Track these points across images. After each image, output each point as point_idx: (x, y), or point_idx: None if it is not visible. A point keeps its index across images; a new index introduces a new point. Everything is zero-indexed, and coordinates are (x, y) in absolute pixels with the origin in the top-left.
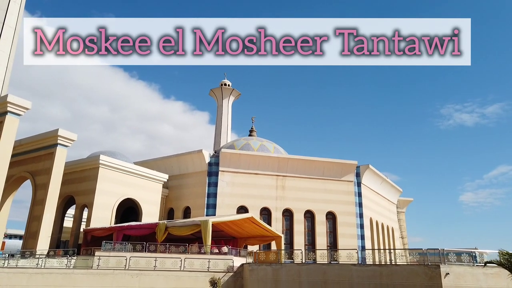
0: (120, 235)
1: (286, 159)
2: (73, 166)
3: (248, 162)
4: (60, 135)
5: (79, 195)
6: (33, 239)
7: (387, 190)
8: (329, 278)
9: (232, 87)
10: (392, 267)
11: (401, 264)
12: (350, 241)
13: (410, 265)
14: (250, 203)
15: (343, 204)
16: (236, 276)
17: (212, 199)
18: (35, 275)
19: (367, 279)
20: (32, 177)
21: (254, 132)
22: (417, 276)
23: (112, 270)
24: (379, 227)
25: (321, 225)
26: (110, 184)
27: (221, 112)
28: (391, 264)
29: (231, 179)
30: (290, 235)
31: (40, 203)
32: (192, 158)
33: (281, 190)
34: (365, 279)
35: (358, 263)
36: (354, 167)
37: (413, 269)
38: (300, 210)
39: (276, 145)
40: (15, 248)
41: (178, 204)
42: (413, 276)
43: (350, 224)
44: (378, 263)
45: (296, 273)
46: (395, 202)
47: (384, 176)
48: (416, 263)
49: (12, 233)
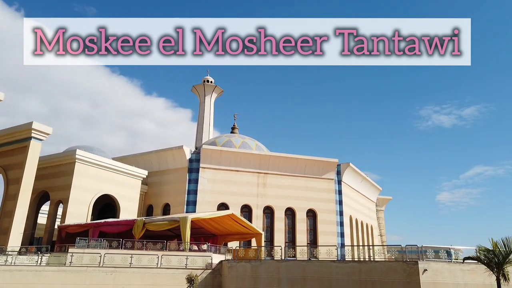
0: (96, 231)
1: (267, 157)
2: (48, 160)
3: (230, 159)
4: (34, 128)
5: (54, 191)
6: (5, 235)
7: (367, 189)
8: (308, 275)
9: (214, 84)
10: (371, 264)
11: (380, 260)
12: (330, 238)
13: (389, 261)
14: (231, 200)
15: (323, 201)
16: (214, 273)
17: (193, 196)
18: (2, 272)
19: (346, 276)
20: (4, 171)
21: (236, 129)
22: (396, 273)
23: (85, 267)
24: (358, 225)
25: (302, 223)
26: (87, 180)
27: (203, 109)
28: (370, 261)
29: (212, 176)
30: (270, 233)
31: (12, 198)
32: (173, 154)
33: (262, 187)
34: (345, 276)
35: (337, 260)
36: (335, 165)
37: (391, 265)
38: (281, 207)
39: (258, 142)
40: None
41: (157, 201)
42: (391, 272)
43: (330, 221)
44: (357, 260)
45: (275, 269)
46: (375, 201)
47: (364, 175)
48: (395, 260)
49: None
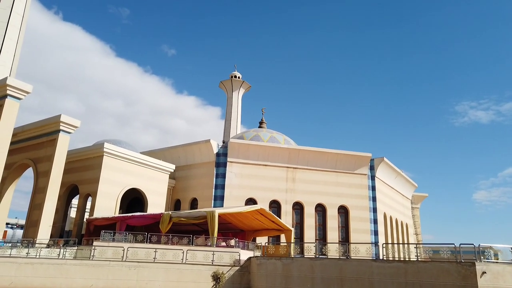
0: (123, 225)
1: (297, 150)
2: (78, 154)
3: (258, 153)
4: (62, 121)
5: (83, 184)
6: (34, 228)
7: (401, 185)
8: (346, 275)
9: (242, 79)
10: (419, 264)
11: (429, 261)
12: (363, 236)
13: (440, 262)
14: (259, 196)
15: (356, 198)
16: (242, 270)
17: (220, 191)
18: (24, 265)
19: (389, 277)
20: (34, 164)
21: (264, 124)
22: (449, 275)
23: (108, 261)
24: (393, 222)
25: (333, 220)
26: (115, 173)
27: (230, 105)
28: (417, 261)
29: (240, 170)
30: (300, 229)
31: (42, 191)
32: (200, 148)
33: (292, 182)
34: (388, 277)
35: (379, 259)
36: (368, 159)
37: (443, 266)
38: (311, 203)
39: (286, 137)
40: (17, 238)
41: (185, 196)
42: (443, 274)
43: (363, 219)
44: (403, 259)
45: (308, 268)
46: (410, 198)
47: (399, 170)
48: (447, 260)
49: (19, 223)
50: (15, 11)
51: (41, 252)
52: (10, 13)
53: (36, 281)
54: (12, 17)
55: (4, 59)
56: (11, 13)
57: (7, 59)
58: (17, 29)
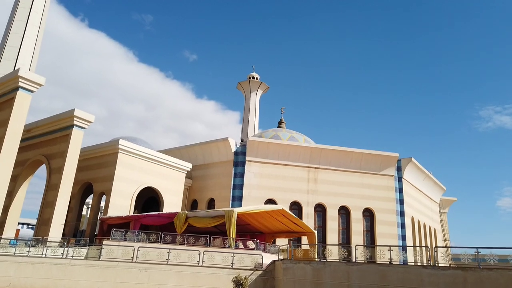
0: (137, 224)
1: (319, 150)
2: (92, 151)
3: (278, 152)
4: (76, 115)
5: (97, 182)
6: (46, 226)
7: (429, 188)
8: (389, 283)
9: (260, 80)
10: (482, 272)
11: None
12: (390, 241)
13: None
14: (279, 197)
15: (382, 200)
16: (266, 275)
17: (238, 191)
18: (24, 264)
19: (444, 286)
20: (47, 160)
21: (283, 124)
22: None
23: (116, 262)
24: (421, 227)
25: (357, 223)
26: (130, 171)
27: (248, 106)
28: (479, 268)
29: (259, 170)
30: (322, 233)
31: (54, 188)
32: (218, 147)
33: (313, 183)
34: (442, 287)
35: (431, 265)
36: (395, 160)
37: None
38: (334, 205)
39: (306, 137)
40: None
41: (201, 196)
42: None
43: (390, 222)
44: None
45: (344, 274)
46: (438, 201)
47: (427, 172)
48: None
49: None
50: (34, 10)
51: (47, 251)
52: (30, 11)
53: (37, 283)
54: (32, 16)
55: (23, 56)
56: (30, 11)
57: (26, 56)
58: (36, 27)
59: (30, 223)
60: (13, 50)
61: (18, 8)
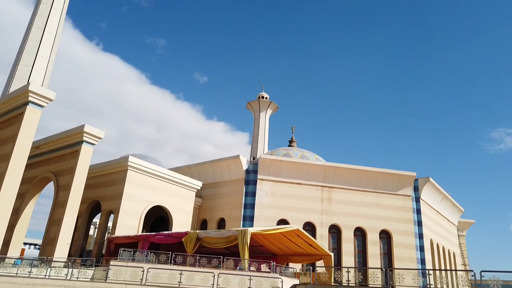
0: (146, 244)
1: (333, 168)
2: (101, 168)
3: (290, 170)
4: (86, 131)
5: (105, 200)
6: (51, 245)
7: (447, 209)
8: None
9: (270, 99)
10: None
11: None
12: (408, 265)
13: None
14: (292, 217)
15: (399, 221)
16: None
17: (250, 211)
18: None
19: None
20: (56, 177)
21: (294, 143)
22: None
23: (124, 284)
24: (440, 250)
25: (374, 245)
26: (139, 189)
27: (257, 125)
28: None
29: (271, 188)
30: (337, 255)
31: (61, 205)
32: (228, 165)
33: (327, 203)
34: None
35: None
36: (412, 179)
37: None
38: (349, 226)
39: (318, 156)
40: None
41: (211, 215)
42: None
43: (408, 245)
44: None
45: None
46: (456, 223)
47: (445, 192)
48: None
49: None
50: (48, 30)
51: (51, 272)
52: (43, 32)
53: None
54: (45, 36)
55: (36, 75)
56: (44, 31)
57: (38, 75)
58: (49, 48)
59: (36, 243)
60: (26, 69)
61: (32, 28)
